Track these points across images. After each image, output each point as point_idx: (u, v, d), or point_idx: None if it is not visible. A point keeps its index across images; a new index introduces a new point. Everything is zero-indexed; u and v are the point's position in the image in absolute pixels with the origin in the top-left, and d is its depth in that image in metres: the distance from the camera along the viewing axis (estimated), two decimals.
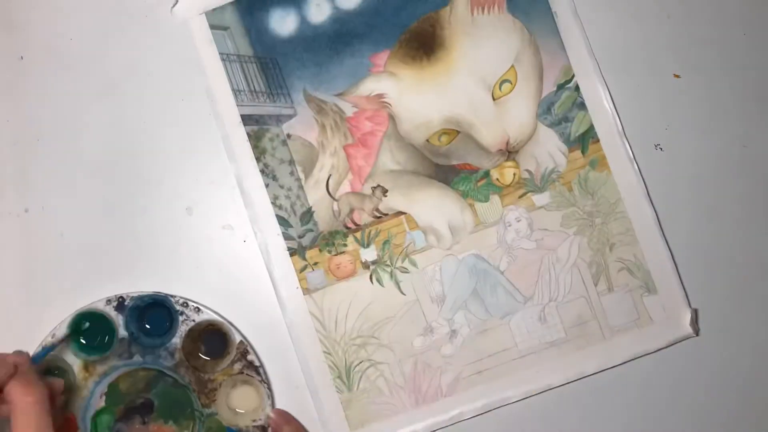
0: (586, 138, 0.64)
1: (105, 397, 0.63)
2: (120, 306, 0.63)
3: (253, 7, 0.64)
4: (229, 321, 0.63)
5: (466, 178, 0.64)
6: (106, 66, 0.65)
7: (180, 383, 0.63)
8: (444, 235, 0.64)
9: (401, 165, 0.65)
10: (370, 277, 0.64)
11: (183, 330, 0.63)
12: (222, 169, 0.64)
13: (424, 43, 0.64)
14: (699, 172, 0.64)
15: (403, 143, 0.65)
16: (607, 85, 0.64)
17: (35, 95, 0.65)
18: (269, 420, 0.62)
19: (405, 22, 0.64)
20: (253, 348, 0.63)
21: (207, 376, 0.63)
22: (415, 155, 0.65)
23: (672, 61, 0.65)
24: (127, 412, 0.63)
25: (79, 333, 0.62)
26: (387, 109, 0.64)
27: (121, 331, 0.63)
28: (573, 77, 0.64)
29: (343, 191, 0.64)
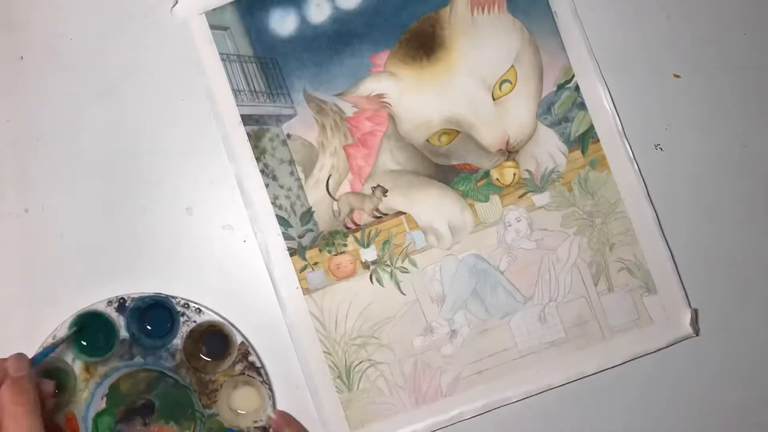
0: (586, 138, 0.64)
1: (106, 398, 0.63)
2: (121, 307, 0.63)
3: (253, 7, 0.64)
4: (230, 322, 0.63)
5: (466, 178, 0.64)
6: (106, 66, 0.65)
7: (181, 384, 0.63)
8: (444, 235, 0.64)
9: (401, 165, 0.65)
10: (370, 277, 0.64)
11: (184, 331, 0.63)
12: (222, 169, 0.64)
13: (424, 43, 0.64)
14: (699, 172, 0.64)
15: (403, 143, 0.65)
16: (607, 85, 0.64)
17: (35, 95, 0.65)
18: (270, 421, 0.62)
19: (405, 22, 0.64)
20: (254, 349, 0.63)
21: (208, 377, 0.63)
22: (415, 155, 0.65)
23: (672, 61, 0.65)
24: (128, 414, 0.63)
25: (80, 334, 0.63)
26: (387, 109, 0.64)
27: (122, 333, 0.63)
28: (573, 77, 0.64)
29: (343, 191, 0.64)
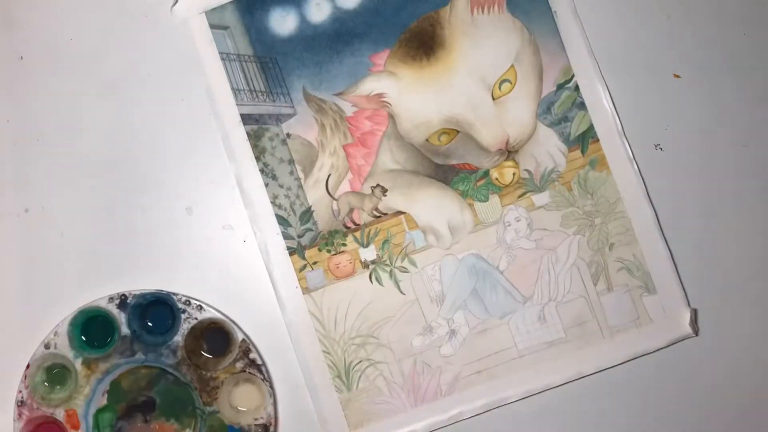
0: (586, 138, 0.64)
1: (107, 395, 0.63)
2: (122, 304, 0.63)
3: (253, 6, 0.64)
4: (230, 319, 0.63)
5: (466, 178, 0.64)
6: (106, 66, 0.65)
7: (182, 381, 0.63)
8: (443, 234, 0.64)
9: (401, 164, 0.65)
10: (370, 277, 0.64)
11: (185, 328, 0.63)
12: (222, 168, 0.64)
13: (423, 42, 0.64)
14: (699, 172, 0.64)
15: (402, 143, 0.65)
16: (607, 85, 0.64)
17: (35, 95, 0.65)
18: None
19: (405, 22, 0.64)
20: (255, 346, 0.63)
21: (209, 374, 0.63)
22: (414, 155, 0.65)
23: (672, 61, 0.64)
24: (129, 410, 0.63)
25: (81, 330, 0.63)
26: (387, 108, 0.64)
27: (124, 329, 0.63)
28: (573, 77, 0.64)
29: (343, 191, 0.64)
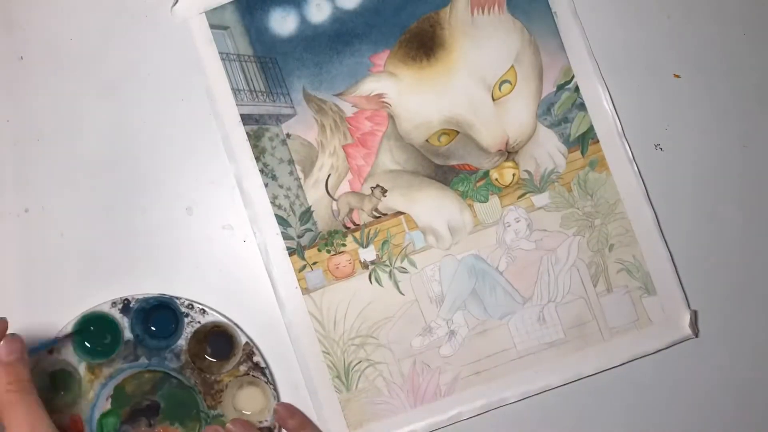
0: (586, 138, 0.64)
1: (111, 399, 0.63)
2: (125, 308, 0.63)
3: (253, 6, 0.64)
4: (234, 322, 0.63)
5: (466, 179, 0.64)
6: (106, 66, 0.65)
7: (186, 385, 0.63)
8: (443, 235, 0.64)
9: (401, 165, 0.65)
10: (369, 277, 0.64)
11: (188, 332, 0.63)
12: (222, 168, 0.64)
13: (423, 43, 0.64)
14: (699, 172, 0.64)
15: (402, 143, 0.64)
16: (607, 86, 0.64)
17: (35, 95, 0.65)
18: (275, 412, 0.62)
19: (405, 23, 0.64)
20: (258, 349, 0.63)
21: (213, 377, 0.63)
22: (414, 155, 0.65)
23: (672, 61, 0.64)
24: (133, 414, 0.63)
25: (85, 335, 0.63)
26: (387, 109, 0.64)
27: (127, 334, 0.63)
28: (573, 78, 0.64)
29: (343, 191, 0.64)
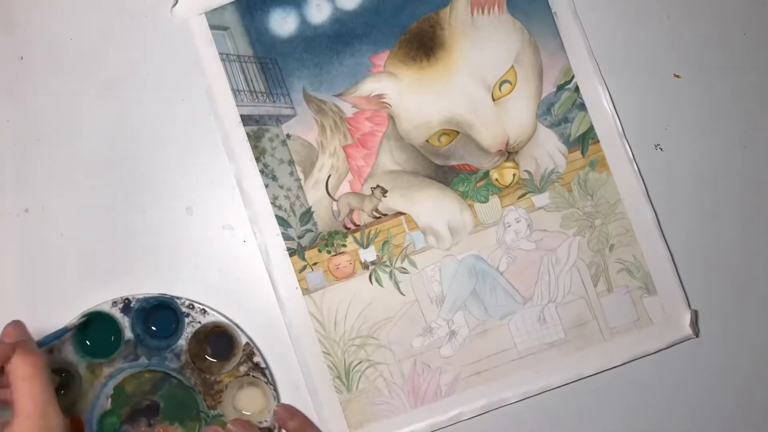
0: (586, 138, 0.64)
1: (111, 399, 0.63)
2: (126, 308, 0.63)
3: (253, 7, 0.64)
4: (234, 323, 0.63)
5: (466, 179, 0.64)
6: (106, 66, 0.65)
7: (186, 385, 0.63)
8: (443, 235, 0.64)
9: (401, 165, 0.65)
10: (370, 278, 0.64)
11: (189, 332, 0.63)
12: (222, 169, 0.64)
13: (423, 43, 0.64)
14: (699, 172, 0.64)
15: (402, 144, 0.64)
16: (607, 86, 0.64)
17: (35, 95, 0.65)
18: (275, 414, 0.62)
19: (405, 23, 0.64)
20: (259, 350, 0.63)
21: (213, 377, 0.63)
22: (414, 156, 0.65)
23: (672, 61, 0.64)
24: (133, 414, 0.63)
25: (85, 334, 0.63)
26: (387, 109, 0.64)
27: (127, 333, 0.63)
28: (573, 78, 0.64)
29: (343, 191, 0.64)
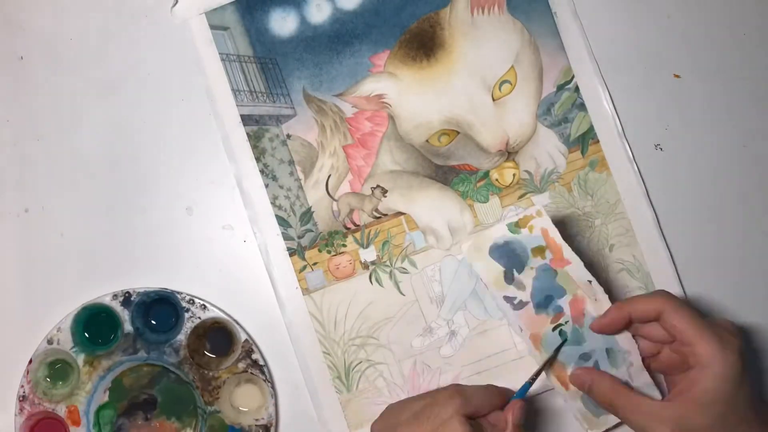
0: (586, 138, 0.64)
1: (108, 392, 0.64)
2: (126, 301, 0.63)
3: (253, 7, 0.64)
4: (234, 319, 0.63)
5: (466, 179, 0.64)
6: (106, 66, 0.65)
7: (183, 380, 0.63)
8: (443, 235, 0.64)
9: (401, 165, 0.65)
10: (370, 278, 0.64)
11: (188, 327, 0.63)
12: (222, 169, 0.64)
13: (423, 43, 0.64)
14: (699, 172, 0.64)
15: (402, 144, 0.64)
16: (607, 86, 0.64)
17: (35, 95, 0.65)
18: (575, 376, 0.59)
19: (405, 23, 0.64)
20: (258, 347, 0.63)
21: (211, 373, 0.63)
22: (414, 156, 0.65)
23: (672, 61, 0.64)
24: (130, 408, 0.64)
25: (84, 327, 0.63)
26: (387, 109, 0.64)
27: (127, 326, 0.63)
28: (573, 78, 0.64)
29: (343, 191, 0.64)
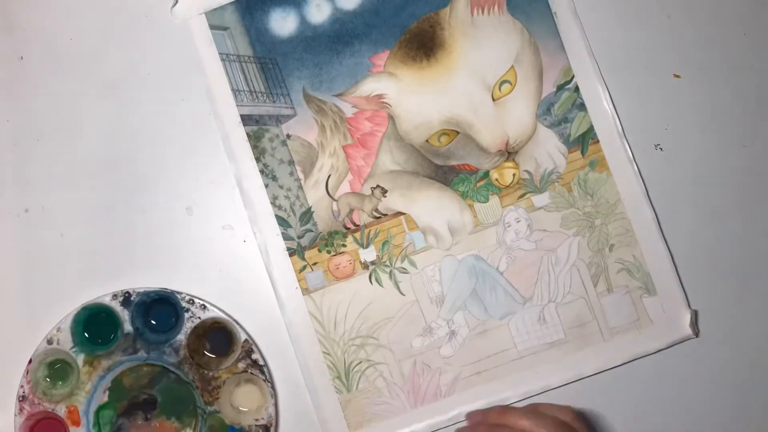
0: (586, 138, 0.64)
1: (108, 392, 0.64)
2: (126, 301, 0.63)
3: (253, 7, 0.64)
4: (234, 319, 0.63)
5: (466, 179, 0.64)
6: (106, 66, 0.65)
7: (183, 380, 0.63)
8: (443, 235, 0.64)
9: (401, 165, 0.65)
10: (370, 278, 0.64)
11: (188, 327, 0.63)
12: (222, 169, 0.64)
13: (423, 43, 0.64)
14: (699, 172, 0.64)
15: (402, 144, 0.64)
16: (607, 86, 0.64)
17: (35, 95, 0.65)
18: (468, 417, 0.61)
19: (405, 23, 0.64)
20: (257, 347, 0.63)
21: (211, 373, 0.63)
22: (414, 156, 0.65)
23: (672, 61, 0.64)
24: (130, 408, 0.64)
25: (84, 327, 0.63)
26: (386, 109, 0.64)
27: (127, 326, 0.63)
28: (573, 78, 0.64)
29: (343, 191, 0.64)
